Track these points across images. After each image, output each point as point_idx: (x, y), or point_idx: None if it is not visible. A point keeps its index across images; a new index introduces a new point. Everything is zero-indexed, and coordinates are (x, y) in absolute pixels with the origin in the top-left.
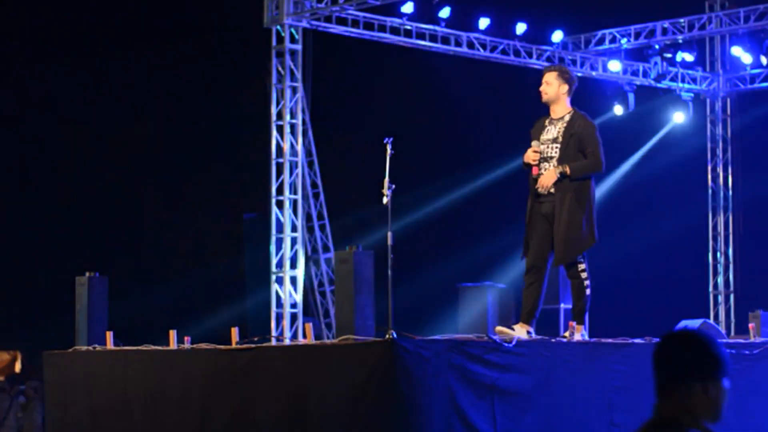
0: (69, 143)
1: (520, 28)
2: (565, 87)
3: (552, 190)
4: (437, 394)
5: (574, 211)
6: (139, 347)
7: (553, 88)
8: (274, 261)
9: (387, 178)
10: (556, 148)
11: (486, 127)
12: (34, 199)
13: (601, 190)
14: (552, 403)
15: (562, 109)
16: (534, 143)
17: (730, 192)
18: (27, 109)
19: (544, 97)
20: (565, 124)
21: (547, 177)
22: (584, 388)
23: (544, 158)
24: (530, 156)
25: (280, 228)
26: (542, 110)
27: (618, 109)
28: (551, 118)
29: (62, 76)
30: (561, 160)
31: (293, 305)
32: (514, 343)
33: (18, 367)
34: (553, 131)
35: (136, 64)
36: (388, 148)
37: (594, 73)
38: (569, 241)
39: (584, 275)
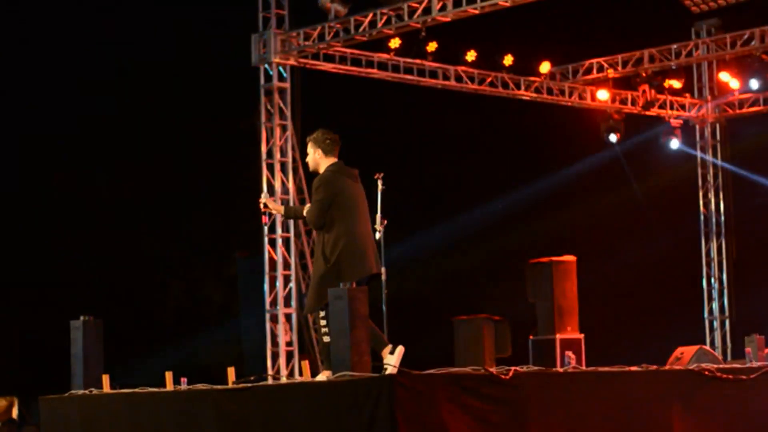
0: (64, 183)
1: (508, 60)
2: (319, 151)
3: None
4: (433, 428)
5: (315, 264)
6: (136, 389)
7: (311, 157)
8: (268, 299)
9: (379, 214)
10: None
11: (477, 160)
12: (28, 241)
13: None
14: None
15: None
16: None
17: (722, 217)
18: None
19: (310, 169)
20: None
21: None
22: (580, 418)
23: None
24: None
25: (273, 266)
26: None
27: (612, 138)
28: None
29: (50, 113)
30: None
31: (288, 343)
32: (510, 375)
33: (15, 412)
34: None
35: (124, 103)
36: (380, 183)
37: (582, 103)
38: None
39: (322, 322)
